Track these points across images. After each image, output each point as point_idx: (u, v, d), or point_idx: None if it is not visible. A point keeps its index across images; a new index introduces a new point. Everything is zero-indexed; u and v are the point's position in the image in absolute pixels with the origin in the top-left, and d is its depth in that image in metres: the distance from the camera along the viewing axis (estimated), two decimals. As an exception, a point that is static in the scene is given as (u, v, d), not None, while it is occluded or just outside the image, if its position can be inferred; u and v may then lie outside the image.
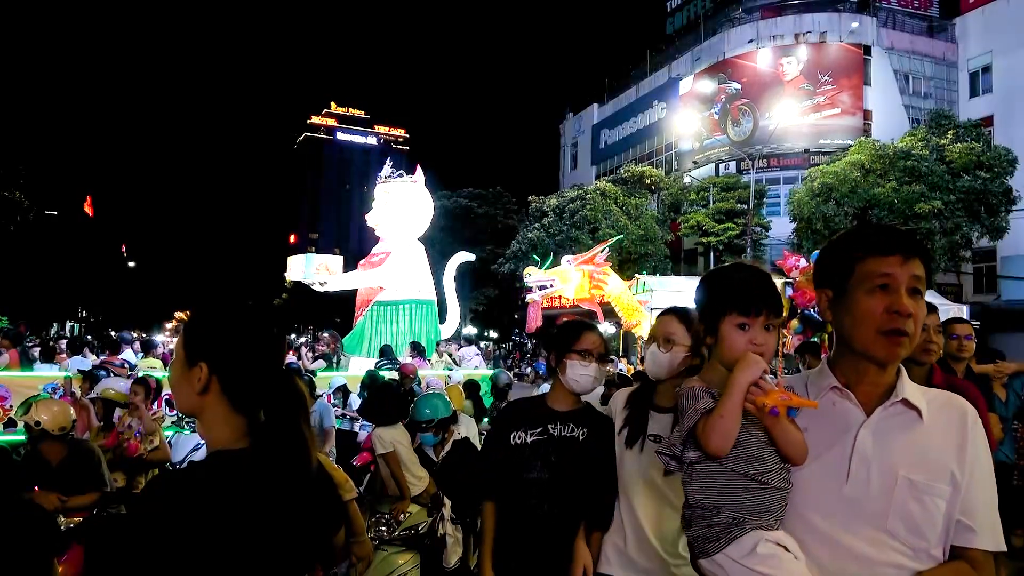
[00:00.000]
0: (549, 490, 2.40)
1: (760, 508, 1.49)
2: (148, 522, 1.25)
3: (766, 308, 1.61)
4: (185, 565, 1.23)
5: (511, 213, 39.47)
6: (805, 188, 23.64)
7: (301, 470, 1.41)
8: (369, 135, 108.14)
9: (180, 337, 1.45)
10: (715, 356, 1.66)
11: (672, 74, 36.47)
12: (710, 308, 1.66)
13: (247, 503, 1.30)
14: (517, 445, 2.46)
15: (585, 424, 2.49)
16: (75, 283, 39.85)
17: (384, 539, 3.96)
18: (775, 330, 1.64)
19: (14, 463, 4.12)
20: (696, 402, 1.58)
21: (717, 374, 1.63)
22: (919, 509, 1.44)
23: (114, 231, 63.47)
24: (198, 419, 1.44)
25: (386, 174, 12.90)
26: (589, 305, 14.39)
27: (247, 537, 1.29)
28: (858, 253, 1.53)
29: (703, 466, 1.56)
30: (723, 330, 1.62)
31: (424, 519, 4.09)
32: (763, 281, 1.65)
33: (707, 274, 1.78)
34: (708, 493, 1.55)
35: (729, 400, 1.51)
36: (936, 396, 1.56)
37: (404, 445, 4.21)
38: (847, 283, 1.52)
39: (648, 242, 27.27)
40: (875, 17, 31.24)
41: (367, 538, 3.13)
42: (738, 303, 1.61)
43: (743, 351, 1.58)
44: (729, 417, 1.50)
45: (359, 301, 12.15)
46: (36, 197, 32.45)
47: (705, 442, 1.52)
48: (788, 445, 1.51)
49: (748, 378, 1.51)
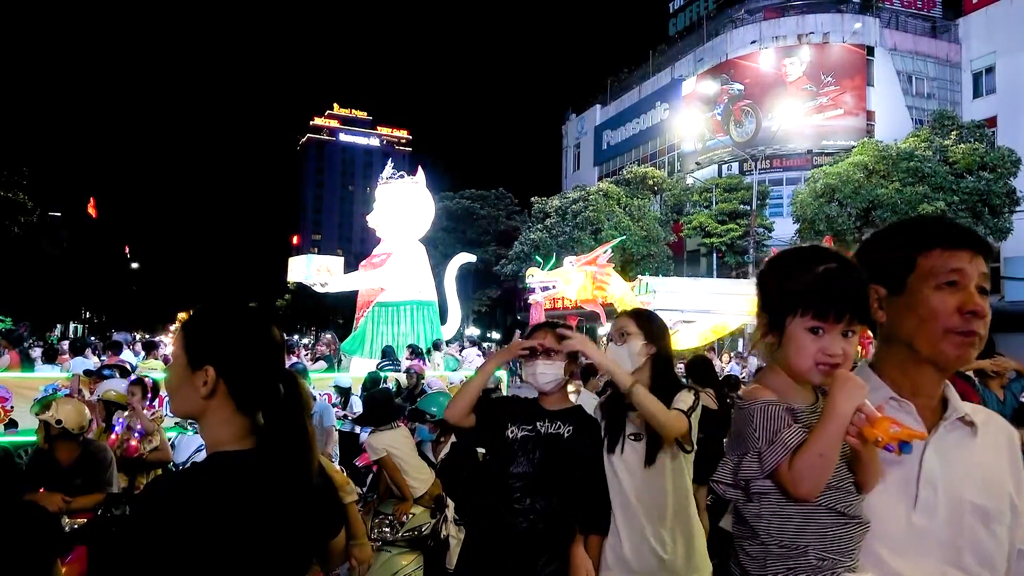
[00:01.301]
0: (532, 485, 2.42)
1: (849, 546, 1.31)
2: (149, 523, 1.25)
3: (849, 312, 1.33)
4: (186, 566, 1.23)
5: (513, 214, 39.51)
6: (808, 189, 23.62)
7: (304, 471, 1.40)
8: (372, 136, 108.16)
9: (179, 340, 1.43)
10: (778, 359, 1.42)
11: (675, 75, 36.46)
12: (777, 301, 1.40)
13: (250, 504, 1.30)
14: (508, 439, 2.50)
15: (571, 422, 2.52)
16: (79, 284, 39.91)
17: (387, 540, 3.96)
18: (855, 336, 1.37)
19: (16, 464, 4.13)
20: (778, 429, 1.33)
21: (781, 380, 1.41)
22: (989, 538, 1.29)
23: (118, 232, 63.56)
24: (199, 421, 1.42)
25: (387, 175, 12.90)
26: (591, 306, 14.41)
27: (248, 538, 1.29)
28: (921, 245, 1.35)
29: (779, 498, 1.33)
30: (791, 331, 1.36)
31: (427, 520, 4.09)
32: (850, 275, 1.35)
33: (778, 256, 1.49)
34: (788, 529, 1.33)
35: (829, 435, 1.26)
36: (977, 410, 1.40)
37: (401, 448, 4.20)
38: (906, 279, 1.35)
39: (651, 243, 27.27)
40: (878, 18, 31.20)
41: (367, 542, 3.12)
42: (813, 302, 1.33)
43: (813, 364, 1.34)
44: (830, 457, 1.26)
45: (360, 302, 12.14)
46: (40, 198, 32.54)
47: (794, 485, 1.28)
48: (870, 472, 1.31)
49: (852, 407, 1.25)
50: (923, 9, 32.91)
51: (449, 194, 39.44)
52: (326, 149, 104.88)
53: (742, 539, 1.42)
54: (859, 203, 22.10)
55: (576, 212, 27.71)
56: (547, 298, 14.79)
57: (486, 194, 40.51)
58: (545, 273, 14.57)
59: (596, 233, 26.68)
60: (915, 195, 21.25)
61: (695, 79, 34.00)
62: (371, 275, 12.06)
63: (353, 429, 7.83)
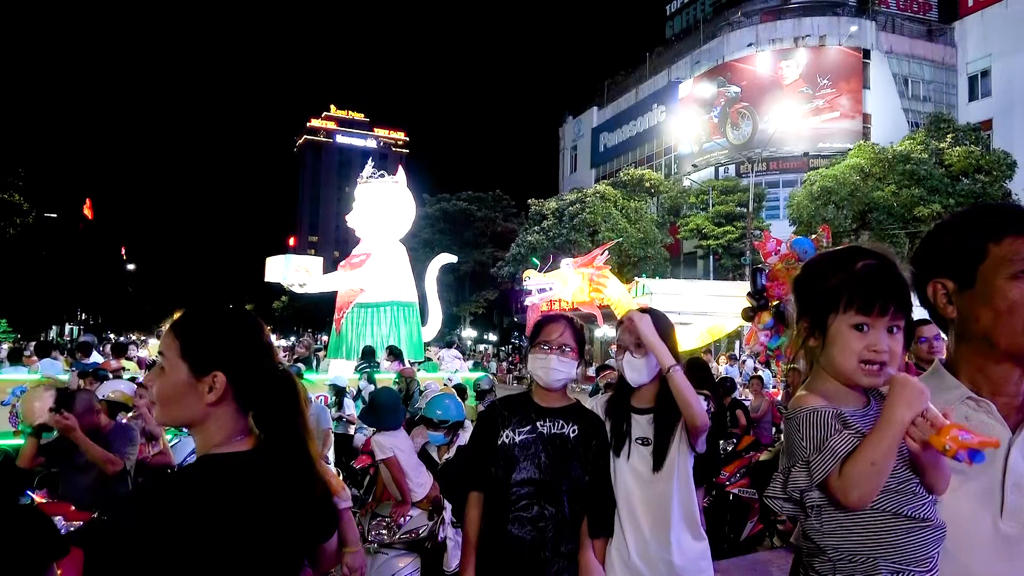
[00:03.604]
0: (539, 491, 2.30)
1: (924, 554, 1.22)
2: (146, 526, 1.25)
3: (894, 305, 1.29)
4: (183, 568, 1.23)
5: (511, 216, 39.53)
6: (804, 191, 23.68)
7: (304, 471, 1.40)
8: (369, 138, 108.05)
9: (174, 347, 1.37)
10: (823, 363, 1.36)
11: (671, 77, 36.53)
12: (818, 301, 1.35)
13: (251, 505, 1.30)
14: (505, 444, 2.35)
15: (575, 421, 2.40)
16: (74, 286, 39.80)
17: (384, 542, 3.95)
18: (900, 333, 1.33)
19: (15, 466, 4.11)
20: (828, 436, 1.26)
21: (828, 385, 1.35)
22: None
23: (114, 234, 63.44)
24: (196, 426, 1.38)
25: (367, 174, 12.69)
26: (588, 308, 14.39)
27: (246, 539, 1.29)
28: (991, 233, 1.26)
29: (836, 509, 1.26)
30: (834, 330, 1.32)
31: (425, 523, 4.09)
32: (891, 270, 1.32)
33: (814, 258, 1.45)
34: (852, 541, 1.25)
35: (883, 443, 1.18)
36: None
37: (404, 451, 4.19)
38: (977, 269, 1.25)
39: (647, 245, 27.30)
40: (874, 21, 31.32)
41: (360, 548, 3.09)
42: (857, 297, 1.29)
43: (858, 363, 1.29)
44: (882, 466, 1.19)
45: (339, 303, 11.95)
46: (36, 200, 32.46)
47: (844, 494, 1.21)
48: (938, 472, 1.22)
49: (911, 414, 1.18)
50: (919, 12, 33.06)
51: (446, 196, 39.48)
52: (323, 150, 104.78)
53: (810, 556, 1.34)
54: (855, 205, 22.16)
55: (573, 214, 27.74)
56: (544, 300, 14.79)
57: (483, 196, 40.53)
58: (542, 275, 14.55)
59: (593, 235, 26.72)
60: (911, 198, 21.32)
61: (692, 82, 34.08)
62: (351, 276, 11.86)
63: (347, 431, 7.81)
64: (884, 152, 23.08)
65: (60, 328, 44.83)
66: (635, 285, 17.49)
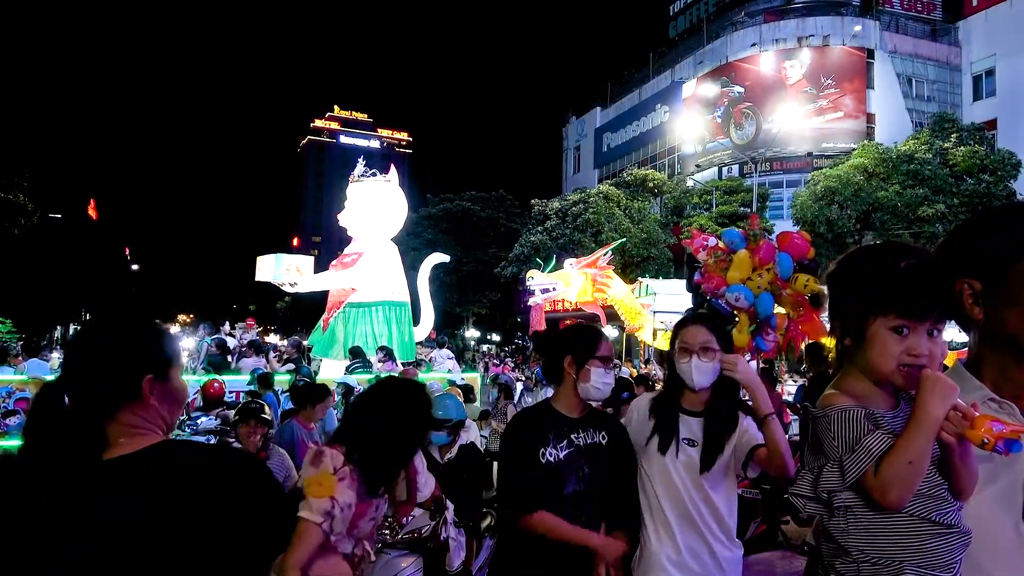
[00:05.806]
0: (584, 501, 2.39)
1: (949, 559, 1.21)
2: None
3: (937, 308, 1.27)
4: None
5: (514, 216, 39.44)
6: (808, 192, 23.65)
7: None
8: (372, 138, 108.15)
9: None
10: (856, 363, 1.34)
11: (675, 77, 36.50)
12: (856, 302, 1.32)
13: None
14: (550, 463, 2.39)
15: (603, 428, 2.50)
16: (79, 286, 39.92)
17: (387, 543, 3.95)
18: (940, 336, 1.30)
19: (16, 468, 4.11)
20: (862, 435, 1.24)
21: (860, 385, 1.33)
22: None
23: (118, 234, 63.58)
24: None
25: (359, 173, 12.58)
26: (592, 308, 14.38)
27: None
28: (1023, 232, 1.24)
29: (866, 511, 1.26)
30: (872, 332, 1.29)
31: (427, 522, 4.09)
32: (933, 271, 1.28)
33: (851, 255, 1.40)
34: (878, 544, 1.24)
35: (920, 441, 1.17)
36: None
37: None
38: (1008, 270, 1.22)
39: (651, 245, 27.27)
40: (878, 20, 31.24)
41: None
42: (897, 300, 1.26)
43: (897, 366, 1.27)
44: (919, 464, 1.18)
45: (330, 303, 11.88)
46: (40, 200, 32.56)
47: (882, 494, 1.20)
48: (966, 477, 1.21)
49: (943, 410, 1.17)
50: (923, 12, 32.96)
51: (449, 196, 39.42)
52: (326, 151, 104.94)
53: (832, 557, 1.32)
54: (859, 206, 22.12)
55: (576, 214, 27.72)
56: (547, 300, 14.77)
57: (486, 196, 40.46)
58: (545, 275, 14.53)
59: (596, 235, 26.68)
60: (915, 198, 21.27)
61: (695, 82, 34.04)
62: (342, 275, 11.77)
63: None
64: (888, 152, 23.04)
65: (64, 328, 44.93)
66: (638, 285, 17.46)
